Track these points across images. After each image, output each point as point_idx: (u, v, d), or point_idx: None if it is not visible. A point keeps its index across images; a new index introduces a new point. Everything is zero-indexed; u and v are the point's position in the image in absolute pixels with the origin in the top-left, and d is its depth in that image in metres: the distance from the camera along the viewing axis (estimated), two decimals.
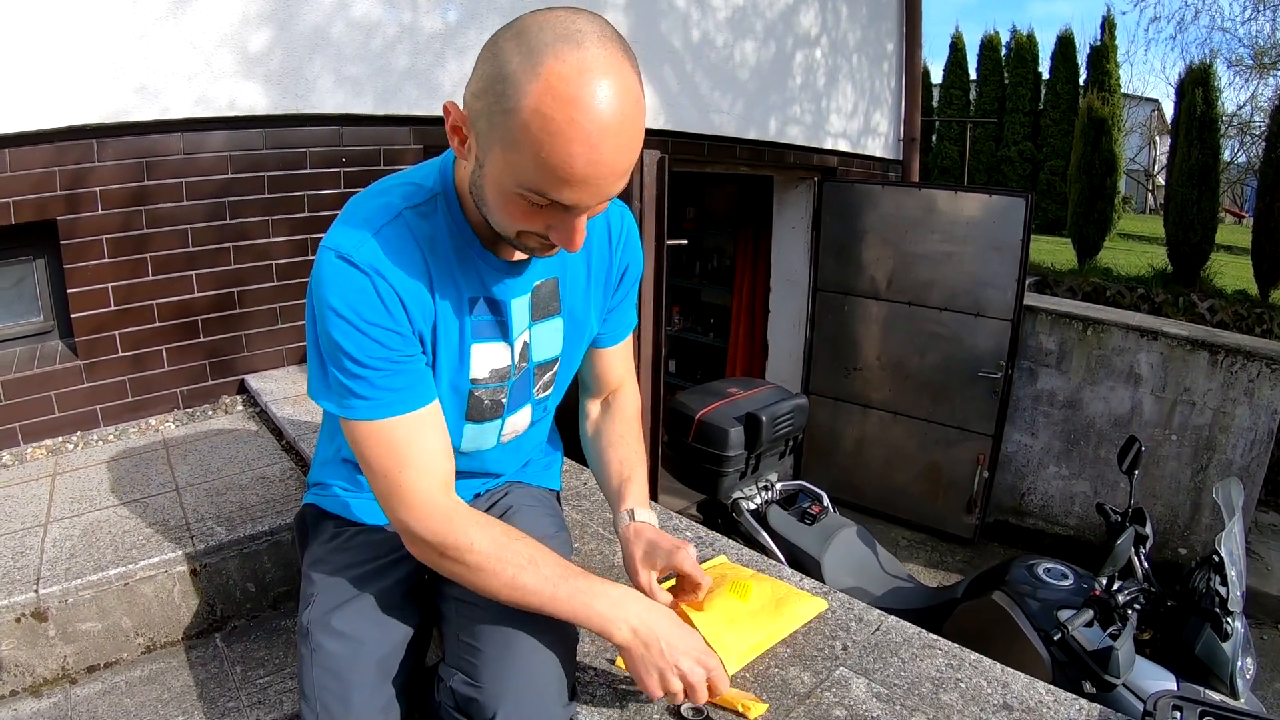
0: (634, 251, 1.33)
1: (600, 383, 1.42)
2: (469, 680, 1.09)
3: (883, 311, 4.71)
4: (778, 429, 2.67)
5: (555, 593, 1.05)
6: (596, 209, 0.97)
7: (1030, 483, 4.82)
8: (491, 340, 1.17)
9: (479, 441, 1.28)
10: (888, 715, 1.12)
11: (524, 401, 1.29)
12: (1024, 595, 2.27)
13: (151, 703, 1.51)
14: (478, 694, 1.07)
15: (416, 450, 1.07)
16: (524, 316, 1.20)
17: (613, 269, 1.30)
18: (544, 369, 1.29)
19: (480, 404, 1.21)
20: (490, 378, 1.19)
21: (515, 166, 0.90)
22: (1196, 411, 4.20)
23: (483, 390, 1.20)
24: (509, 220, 0.98)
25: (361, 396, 1.04)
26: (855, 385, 4.94)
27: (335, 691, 1.12)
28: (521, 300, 1.18)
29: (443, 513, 1.07)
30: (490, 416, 1.24)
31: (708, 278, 6.22)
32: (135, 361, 2.38)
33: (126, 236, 2.30)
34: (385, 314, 1.02)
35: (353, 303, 1.00)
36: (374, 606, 1.19)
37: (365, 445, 1.07)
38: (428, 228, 1.07)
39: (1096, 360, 4.47)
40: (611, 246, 1.28)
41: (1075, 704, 1.14)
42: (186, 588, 1.71)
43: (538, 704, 1.08)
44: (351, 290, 1.00)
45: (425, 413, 1.09)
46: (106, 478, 2.02)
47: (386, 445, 1.06)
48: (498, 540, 1.07)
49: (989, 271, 4.28)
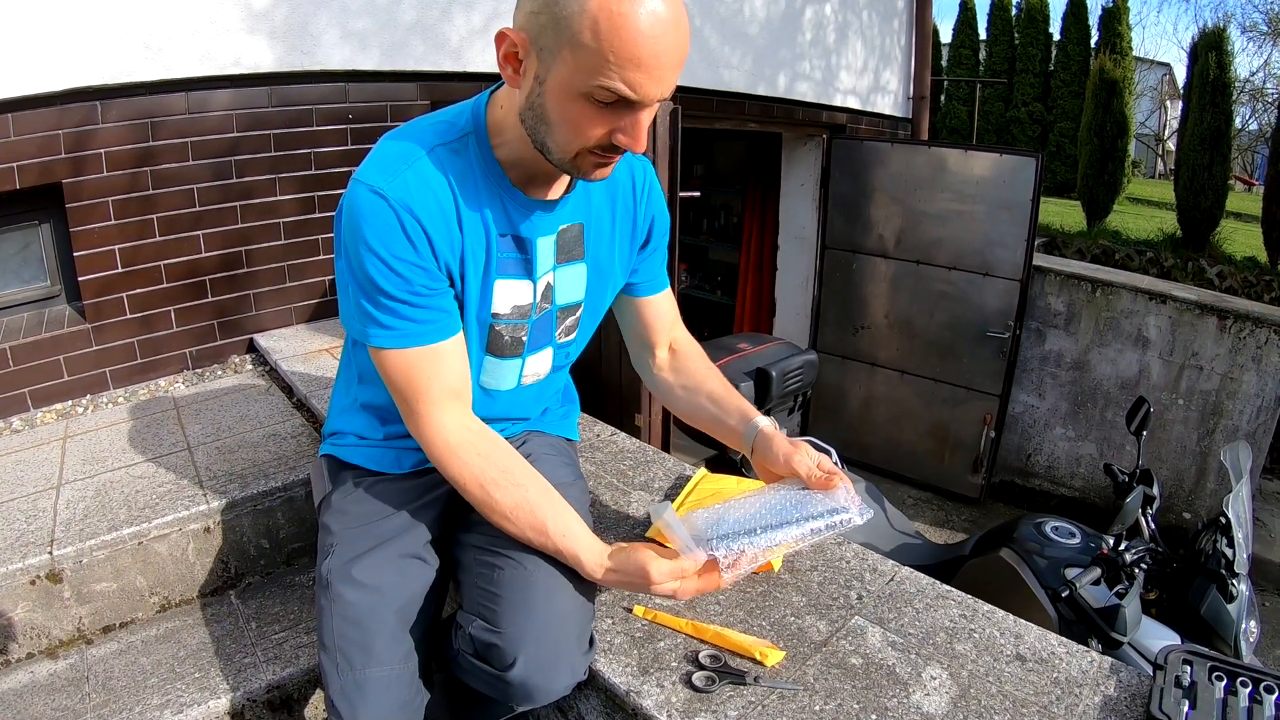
0: (658, 203, 1.35)
1: (653, 330, 1.44)
2: (489, 626, 1.09)
3: (891, 270, 4.67)
4: (788, 384, 2.65)
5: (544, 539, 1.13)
6: (653, 109, 1.01)
7: (1036, 444, 4.81)
8: (515, 277, 1.19)
9: (498, 379, 1.28)
10: (903, 664, 1.12)
11: (546, 343, 1.30)
12: (1031, 553, 2.27)
13: (167, 661, 1.52)
14: (498, 639, 1.08)
15: (432, 383, 1.12)
16: (549, 257, 1.21)
17: (638, 220, 1.31)
18: (566, 313, 1.29)
19: (500, 339, 1.22)
20: (512, 314, 1.21)
21: (584, 64, 0.93)
22: (1204, 376, 4.17)
23: (503, 325, 1.21)
24: (572, 134, 1.01)
25: (385, 327, 1.09)
26: (863, 344, 4.91)
27: (356, 641, 1.12)
28: (547, 240, 1.20)
29: (444, 445, 1.13)
30: (510, 353, 1.25)
31: (715, 235, 6.18)
32: (143, 323, 2.36)
33: (132, 198, 2.28)
34: (413, 250, 1.06)
35: (383, 238, 1.04)
36: (394, 556, 1.19)
37: (386, 371, 1.13)
38: (459, 164, 1.10)
39: (1105, 322, 4.43)
40: (635, 197, 1.30)
41: (1087, 656, 1.13)
42: (201, 545, 1.71)
43: (558, 649, 1.09)
44: (383, 226, 1.04)
45: (445, 346, 1.13)
46: (117, 439, 2.02)
47: (404, 374, 1.12)
48: (488, 481, 1.12)
49: (998, 231, 4.23)
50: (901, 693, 1.07)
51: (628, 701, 1.10)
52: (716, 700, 1.07)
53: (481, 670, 1.11)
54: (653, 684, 1.11)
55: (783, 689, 1.08)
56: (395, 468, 1.32)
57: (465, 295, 1.15)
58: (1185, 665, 1.07)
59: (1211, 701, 1.02)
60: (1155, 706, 1.00)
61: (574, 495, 1.29)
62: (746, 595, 1.28)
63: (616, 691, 1.11)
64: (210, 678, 1.47)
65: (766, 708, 1.05)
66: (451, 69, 2.81)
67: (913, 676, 1.10)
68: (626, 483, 1.66)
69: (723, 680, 1.10)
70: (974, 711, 1.03)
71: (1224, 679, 1.05)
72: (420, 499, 1.27)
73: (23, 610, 1.53)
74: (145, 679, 1.47)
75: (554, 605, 1.11)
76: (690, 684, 1.10)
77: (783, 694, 1.08)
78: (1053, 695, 1.05)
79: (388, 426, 1.31)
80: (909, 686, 1.08)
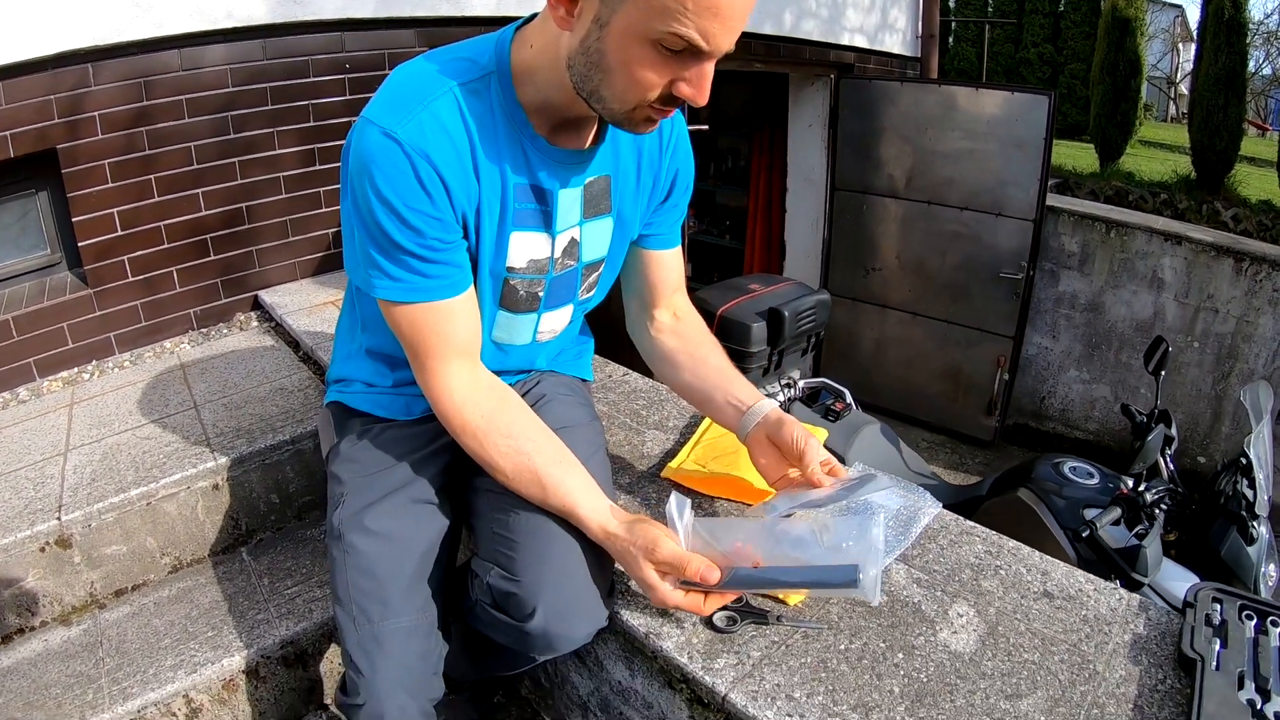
0: (684, 156, 1.26)
1: (658, 289, 1.33)
2: (506, 574, 1.06)
3: (902, 210, 4.57)
4: (800, 325, 2.58)
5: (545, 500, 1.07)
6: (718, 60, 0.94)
7: (1050, 386, 4.74)
8: (533, 230, 1.11)
9: (512, 335, 1.23)
10: (928, 601, 1.08)
11: (567, 300, 1.24)
12: (1050, 493, 2.22)
13: (180, 621, 1.50)
14: (516, 588, 1.04)
15: (439, 340, 1.06)
16: (574, 211, 1.13)
17: (661, 173, 1.23)
18: (591, 270, 1.23)
19: (515, 294, 1.16)
20: (528, 268, 1.14)
21: (657, 9, 0.86)
22: (1219, 319, 4.08)
23: (518, 280, 1.14)
24: (631, 83, 0.92)
25: (393, 279, 1.02)
26: (874, 285, 4.83)
27: (371, 592, 1.09)
28: (571, 194, 1.12)
29: (450, 402, 1.08)
30: (525, 309, 1.19)
31: (723, 179, 6.07)
32: (146, 285, 2.31)
33: (129, 159, 2.21)
34: (427, 200, 0.99)
35: (396, 186, 0.97)
36: (407, 503, 1.16)
37: (394, 322, 1.07)
38: (479, 106, 1.01)
39: (1119, 263, 4.34)
40: (662, 148, 1.21)
41: (1115, 593, 1.09)
42: (210, 503, 1.69)
43: (578, 596, 1.06)
44: (396, 173, 0.97)
45: (455, 303, 1.07)
46: (124, 402, 1.98)
47: (412, 329, 1.05)
48: (489, 444, 1.07)
49: (1010, 170, 4.12)
50: (928, 630, 1.02)
51: (647, 644, 1.06)
52: (739, 640, 1.03)
53: (500, 620, 1.07)
54: (672, 625, 1.07)
55: (807, 628, 1.04)
56: (405, 414, 1.27)
57: (479, 247, 1.08)
58: (1215, 604, 1.03)
59: (1242, 640, 0.97)
60: (1187, 645, 0.95)
61: (587, 436, 1.25)
62: None
63: (635, 634, 1.08)
64: (223, 636, 1.45)
65: (790, 647, 1.01)
66: (450, 14, 2.71)
67: (939, 614, 1.05)
68: (640, 422, 1.61)
69: (744, 620, 1.06)
70: (1003, 650, 0.98)
71: (1254, 618, 1.01)
72: (431, 444, 1.23)
73: (34, 578, 1.51)
74: (159, 640, 1.45)
75: (572, 550, 1.06)
76: (711, 624, 1.06)
77: (807, 633, 1.03)
78: (1082, 633, 1.01)
79: (397, 373, 1.26)
80: (935, 624, 1.03)
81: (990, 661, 0.97)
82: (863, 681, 0.95)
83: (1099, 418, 4.60)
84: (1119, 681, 0.93)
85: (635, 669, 1.14)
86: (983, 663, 0.97)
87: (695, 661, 1.00)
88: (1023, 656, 0.97)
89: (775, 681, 0.96)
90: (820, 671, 0.97)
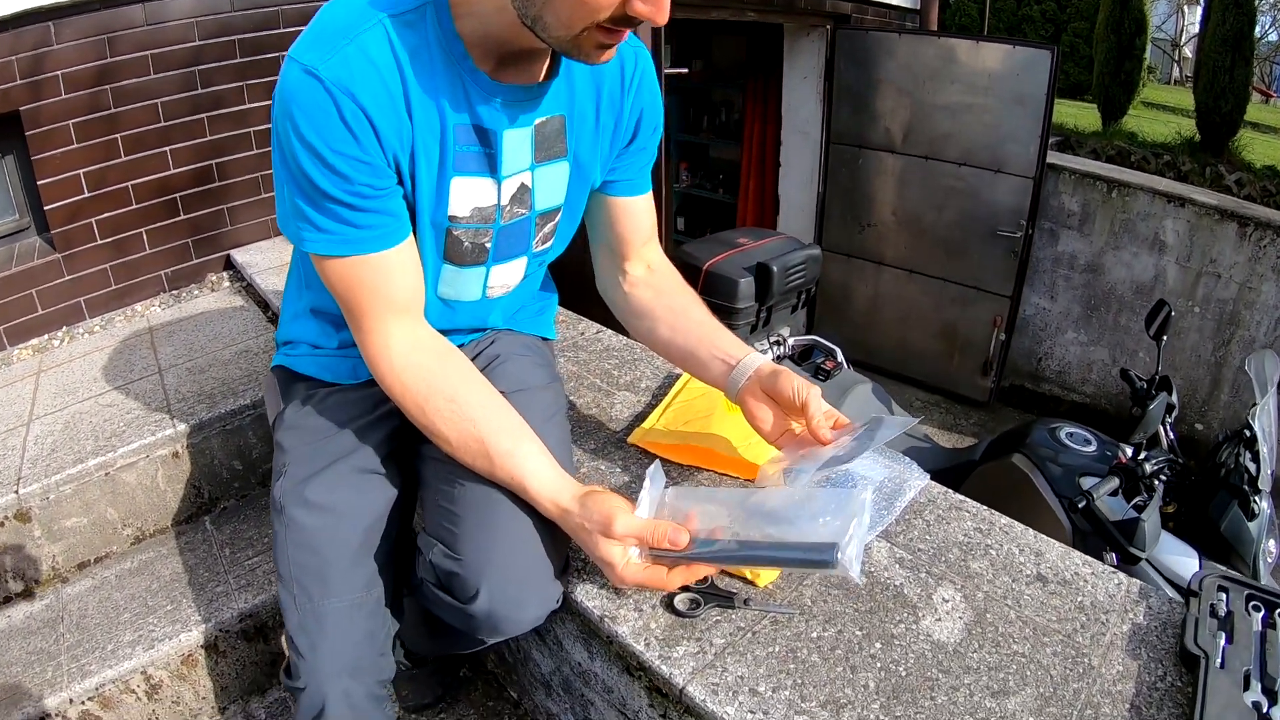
0: (649, 95, 1.11)
1: (628, 241, 1.19)
2: (449, 552, 0.96)
3: (898, 165, 4.38)
4: (790, 280, 2.44)
5: (492, 472, 0.96)
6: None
7: (1048, 347, 4.61)
8: (476, 175, 0.98)
9: (459, 290, 1.10)
10: (911, 584, 0.97)
11: (519, 253, 1.11)
12: (1045, 459, 2.10)
13: (140, 594, 1.44)
14: (459, 567, 0.94)
15: (376, 296, 0.95)
16: (523, 154, 1.01)
17: (624, 114, 1.09)
18: (546, 219, 1.10)
19: (459, 245, 1.03)
20: (471, 217, 1.01)
21: None
22: (1222, 284, 3.92)
23: (462, 230, 1.02)
24: (579, 4, 0.79)
25: (322, 230, 0.91)
26: (869, 241, 4.66)
27: (313, 569, 0.99)
28: (518, 135, 0.99)
29: (388, 366, 0.97)
30: (471, 262, 1.06)
31: (716, 132, 5.85)
32: (116, 248, 2.20)
33: (94, 118, 2.09)
34: (353, 142, 0.86)
35: (319, 127, 0.85)
36: (351, 473, 1.05)
37: (327, 278, 0.96)
38: (413, 39, 0.88)
39: (1120, 224, 4.17)
40: (624, 86, 1.07)
41: (1113, 578, 0.98)
42: (170, 472, 1.60)
43: (526, 576, 0.95)
44: (318, 113, 0.85)
45: (391, 256, 0.95)
46: (90, 369, 1.89)
47: (345, 285, 0.95)
48: (431, 410, 0.96)
49: (1010, 126, 3.93)
50: (910, 617, 0.92)
51: (602, 628, 0.96)
52: (701, 626, 0.93)
53: (444, 601, 0.98)
54: (630, 608, 0.96)
55: (776, 612, 0.94)
56: (351, 377, 1.15)
57: (416, 194, 0.96)
58: (1220, 592, 0.92)
59: (1249, 634, 0.86)
60: (1191, 639, 0.85)
61: (544, 400, 1.14)
62: None
63: (590, 617, 0.97)
64: (182, 610, 1.38)
65: (757, 634, 0.90)
66: None
67: (922, 599, 0.94)
68: (611, 383, 1.49)
69: (709, 603, 0.95)
70: (990, 640, 0.87)
71: (1261, 609, 0.90)
72: (378, 409, 1.12)
73: None
74: (119, 615, 1.39)
75: (521, 526, 0.96)
76: (672, 607, 0.95)
77: (776, 618, 0.93)
78: (1077, 622, 0.90)
79: (342, 333, 1.14)
80: (918, 610, 0.93)
81: (976, 653, 0.86)
82: (835, 674, 0.85)
83: (1096, 380, 4.47)
84: (1115, 678, 0.83)
85: (594, 652, 1.04)
86: (968, 654, 0.86)
87: (652, 649, 0.90)
88: (1012, 648, 0.86)
89: (739, 673, 0.86)
90: (789, 662, 0.86)
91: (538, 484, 0.93)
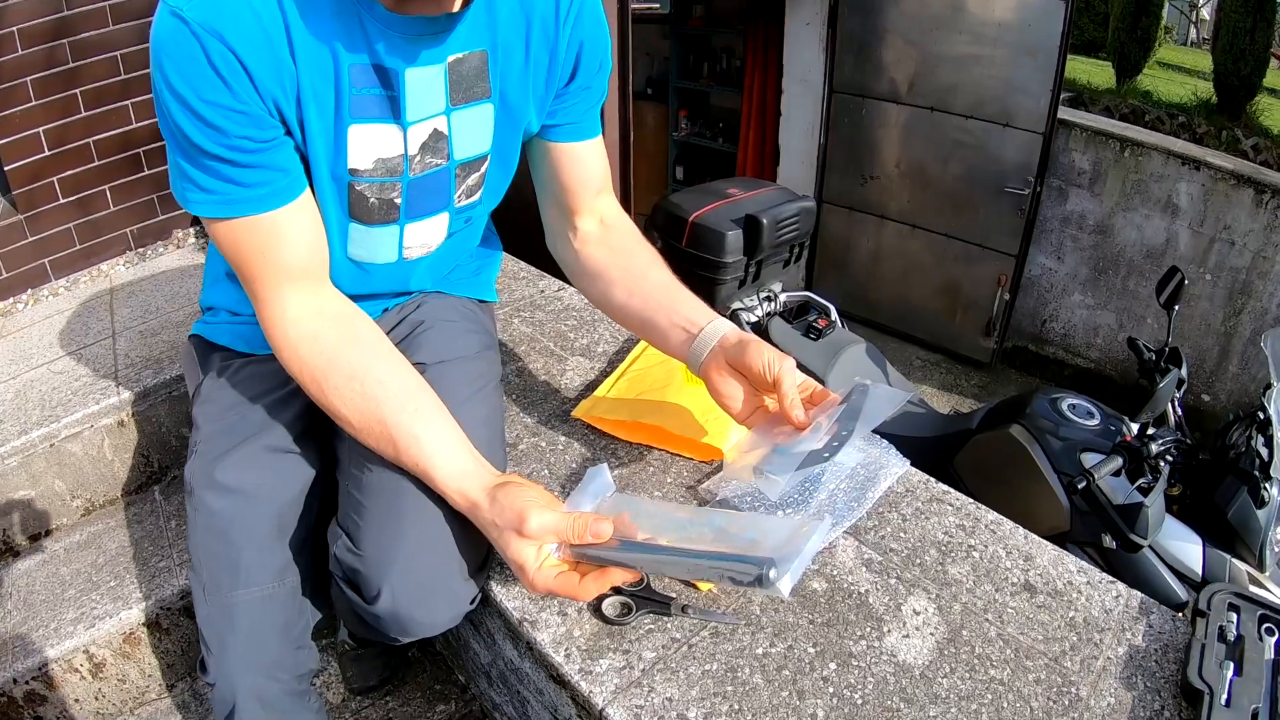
0: (591, 25, 0.95)
1: (575, 193, 1.04)
2: (351, 547, 0.84)
3: (903, 117, 4.15)
4: (781, 233, 2.26)
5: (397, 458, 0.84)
6: None
7: (1053, 309, 4.41)
8: (377, 121, 0.84)
9: (371, 251, 0.97)
10: (879, 591, 0.83)
11: (438, 208, 0.96)
12: (1045, 432, 1.94)
13: (85, 570, 1.36)
14: (360, 564, 0.83)
15: (268, 261, 0.84)
16: (434, 97, 0.86)
17: (560, 47, 0.93)
18: (468, 169, 0.95)
19: (364, 201, 0.90)
20: (375, 169, 0.87)
21: None
22: (1235, 252, 3.70)
23: (366, 184, 0.88)
24: None
25: (204, 189, 0.80)
26: (871, 194, 4.45)
27: (222, 557, 0.89)
28: (424, 74, 0.84)
29: (283, 337, 0.86)
30: (381, 219, 0.92)
31: (717, 79, 5.61)
32: (79, 206, 2.06)
33: (52, 74, 1.94)
34: (225, 90, 0.74)
35: (187, 75, 0.74)
36: (264, 452, 0.95)
37: (217, 242, 0.86)
38: None
39: (1132, 185, 3.94)
40: (559, 18, 0.91)
41: (1111, 589, 0.84)
42: (117, 441, 1.50)
43: (435, 577, 0.83)
44: (185, 59, 0.73)
45: (283, 216, 0.82)
46: (47, 334, 1.77)
47: (235, 249, 0.84)
48: (330, 389, 0.84)
49: (1021, 78, 3.69)
50: (873, 632, 0.78)
51: (522, 632, 0.84)
52: (631, 636, 0.80)
53: (351, 599, 0.86)
54: (553, 611, 0.84)
55: (719, 622, 0.81)
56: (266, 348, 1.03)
57: (309, 145, 0.83)
58: (1231, 612, 0.78)
59: (1261, 665, 0.73)
60: (1195, 671, 0.71)
61: (471, 372, 1.01)
62: None
63: (510, 620, 0.85)
64: (125, 587, 1.30)
65: (694, 648, 0.78)
66: None
67: (890, 610, 0.81)
68: (565, 346, 1.35)
69: (641, 609, 0.82)
70: (964, 663, 0.74)
71: (1275, 633, 0.76)
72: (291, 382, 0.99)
73: None
74: (64, 590, 1.32)
75: (429, 519, 0.84)
76: (600, 613, 0.83)
77: (717, 629, 0.80)
78: (1066, 643, 0.77)
79: None
80: (884, 623, 0.79)
81: (947, 679, 0.73)
82: (778, 700, 0.72)
83: (1101, 345, 4.28)
84: (1105, 712, 0.70)
85: (521, 652, 0.92)
86: (936, 680, 0.73)
87: (573, 660, 0.78)
88: (989, 673, 0.73)
89: (667, 694, 0.74)
90: (727, 684, 0.74)
91: (444, 473, 0.81)
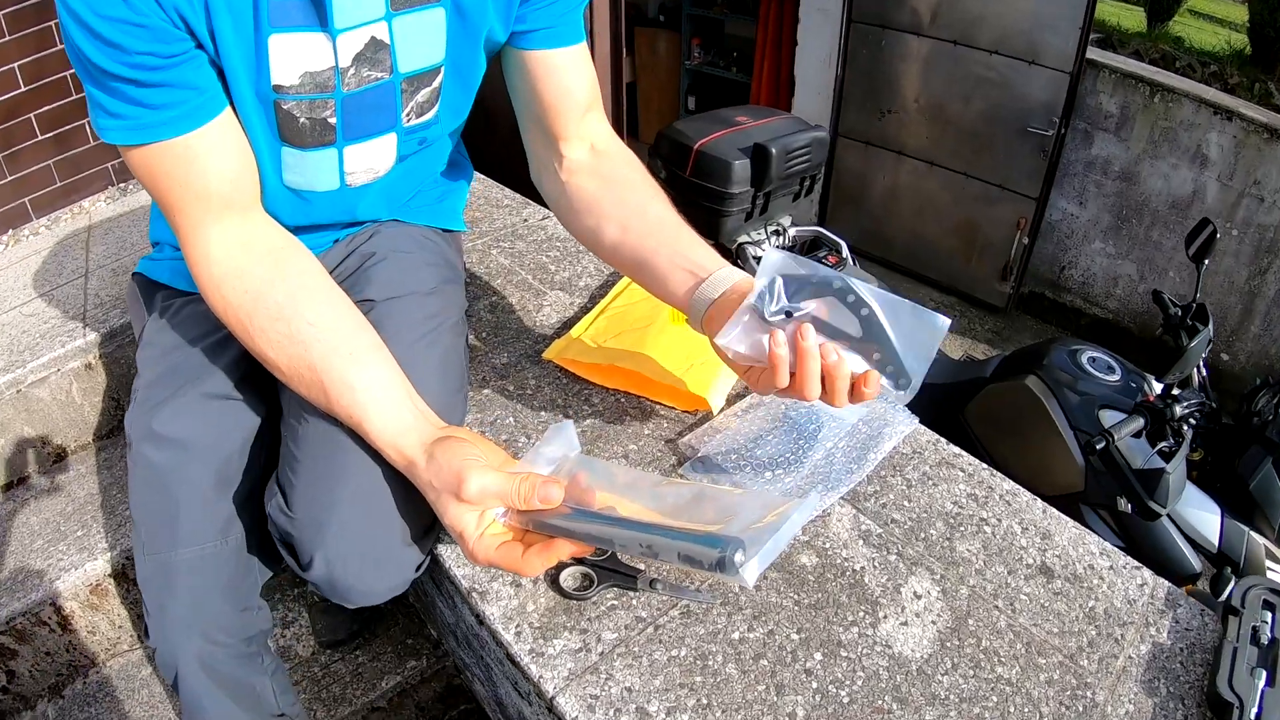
0: None
1: (559, 112, 0.87)
2: (283, 507, 0.74)
3: (924, 49, 3.90)
4: (791, 164, 2.08)
5: (330, 407, 0.73)
6: None
7: (1072, 256, 4.19)
8: (301, 29, 0.70)
9: (309, 178, 0.83)
10: (877, 569, 0.70)
11: (383, 129, 0.82)
12: (1062, 384, 1.79)
13: (54, 519, 1.29)
14: (292, 527, 0.72)
15: (185, 190, 0.73)
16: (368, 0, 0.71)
17: None
18: (417, 83, 0.80)
19: (293, 122, 0.76)
20: (302, 84, 0.73)
21: None
22: (1265, 209, 3.45)
23: (293, 102, 0.74)
24: None
25: (112, 115, 0.69)
26: (889, 129, 4.21)
27: (160, 512, 0.80)
28: None
29: (207, 274, 0.75)
30: (315, 142, 0.79)
31: (732, 7, 5.35)
32: (58, 142, 1.95)
33: (25, 7, 1.83)
34: (119, 2, 0.63)
35: None
36: (203, 399, 0.84)
37: (137, 174, 0.75)
38: None
39: (1161, 132, 3.68)
40: None
41: (1137, 576, 0.71)
42: (85, 385, 1.41)
43: (374, 542, 0.72)
44: None
45: (197, 139, 0.70)
46: (22, 275, 1.67)
47: (151, 178, 0.73)
48: (256, 330, 0.73)
49: (1048, 13, 3.43)
50: (867, 618, 0.66)
51: (470, 603, 0.72)
52: (590, 613, 0.68)
53: (290, 564, 0.76)
54: (505, 581, 0.72)
55: (691, 600, 0.69)
56: None
57: (224, 59, 0.70)
58: (1266, 611, 0.65)
59: None
60: (1224, 680, 0.60)
61: (423, 311, 0.88)
62: None
63: (460, 588, 0.74)
64: (91, 536, 1.23)
65: (661, 630, 0.66)
66: None
67: (888, 592, 0.68)
68: (545, 279, 1.21)
69: (604, 582, 0.70)
70: (969, 657, 0.62)
71: None
72: None
73: None
74: (33, 541, 1.25)
75: (368, 476, 0.72)
76: (556, 585, 0.71)
77: (689, 609, 0.68)
78: (1085, 637, 0.64)
79: None
80: (879, 608, 0.67)
81: (947, 676, 0.60)
82: (753, 695, 0.60)
83: (1121, 295, 4.07)
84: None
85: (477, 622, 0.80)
86: (936, 677, 0.60)
87: (524, 639, 0.66)
88: (995, 671, 0.61)
89: (627, 683, 0.62)
90: (695, 673, 0.62)
91: (379, 425, 0.69)
